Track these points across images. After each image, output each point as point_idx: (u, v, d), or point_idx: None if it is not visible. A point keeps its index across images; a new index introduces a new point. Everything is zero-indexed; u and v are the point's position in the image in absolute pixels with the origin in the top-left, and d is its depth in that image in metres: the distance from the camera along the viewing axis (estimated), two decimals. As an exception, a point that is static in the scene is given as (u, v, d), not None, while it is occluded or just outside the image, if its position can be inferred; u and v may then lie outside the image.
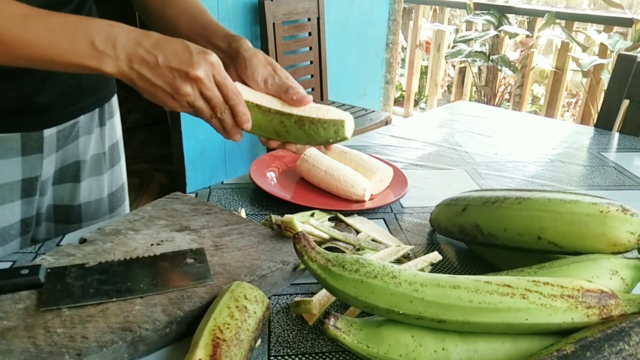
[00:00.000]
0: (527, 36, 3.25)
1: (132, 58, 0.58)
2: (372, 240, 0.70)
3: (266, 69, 0.68)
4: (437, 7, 4.03)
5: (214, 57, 0.60)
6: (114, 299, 0.52)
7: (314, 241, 0.53)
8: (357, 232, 0.72)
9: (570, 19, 3.15)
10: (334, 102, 2.67)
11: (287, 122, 0.65)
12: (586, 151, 1.14)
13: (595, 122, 1.38)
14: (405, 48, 4.24)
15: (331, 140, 0.66)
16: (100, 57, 0.57)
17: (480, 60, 3.30)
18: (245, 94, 0.65)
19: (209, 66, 0.60)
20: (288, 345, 0.52)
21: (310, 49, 2.60)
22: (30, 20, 0.55)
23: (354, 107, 2.60)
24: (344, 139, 0.66)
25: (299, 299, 0.56)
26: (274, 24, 2.35)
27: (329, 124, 0.64)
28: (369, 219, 0.77)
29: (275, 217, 0.69)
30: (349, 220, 0.75)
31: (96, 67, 0.57)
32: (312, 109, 0.65)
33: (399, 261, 0.66)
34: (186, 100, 0.60)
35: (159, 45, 0.58)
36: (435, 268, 0.67)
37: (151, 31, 0.60)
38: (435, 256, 0.65)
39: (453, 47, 3.40)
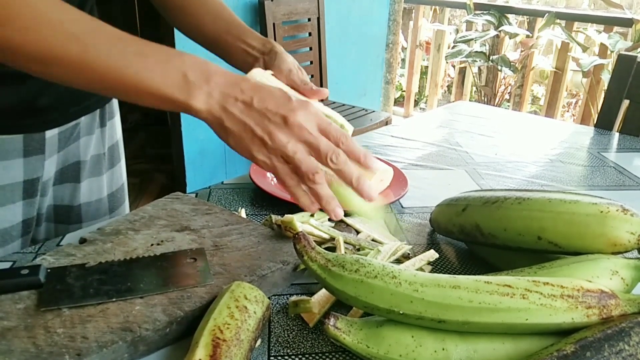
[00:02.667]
0: (527, 36, 3.25)
1: (226, 97, 0.52)
2: (372, 240, 0.70)
3: (292, 64, 0.71)
4: (437, 7, 4.03)
5: (314, 108, 0.54)
6: (114, 299, 0.52)
7: (314, 241, 0.53)
8: (357, 232, 0.72)
9: (570, 19, 3.16)
10: (334, 102, 2.67)
11: None
12: (586, 151, 1.14)
13: (595, 122, 1.38)
14: (406, 48, 4.24)
15: None
16: (190, 90, 0.52)
17: (480, 61, 3.31)
18: (267, 82, 0.63)
19: (310, 115, 0.53)
20: (288, 346, 0.52)
21: (311, 49, 2.60)
22: (120, 42, 0.52)
23: (354, 107, 2.60)
24: None
25: (296, 299, 0.56)
26: (274, 24, 2.35)
27: (335, 122, 0.65)
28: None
29: (275, 217, 0.69)
30: (349, 220, 0.75)
31: (184, 101, 0.52)
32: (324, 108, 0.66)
33: (398, 261, 0.66)
34: (282, 151, 0.52)
35: (256, 88, 0.53)
36: (435, 268, 0.67)
37: (247, 77, 0.57)
38: (431, 254, 0.65)
39: (453, 47, 3.40)
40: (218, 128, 0.54)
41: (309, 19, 2.56)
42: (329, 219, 0.76)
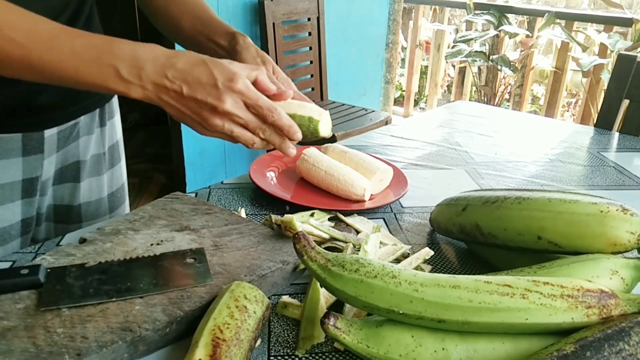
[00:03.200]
0: (527, 36, 3.25)
1: (159, 88, 0.57)
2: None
3: (253, 62, 0.70)
4: (437, 7, 4.03)
5: (240, 84, 0.58)
6: (113, 299, 0.52)
7: (314, 241, 0.53)
8: (357, 232, 0.72)
9: (570, 18, 3.16)
10: (334, 102, 2.67)
11: None
12: (586, 151, 1.14)
13: (595, 122, 1.38)
14: (405, 48, 4.24)
15: (308, 137, 0.66)
16: (126, 84, 0.57)
17: (480, 60, 3.30)
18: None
19: (236, 95, 0.58)
20: (288, 345, 0.52)
21: (310, 48, 2.60)
22: (57, 42, 0.55)
23: (354, 106, 2.60)
24: (319, 136, 0.67)
25: (287, 301, 0.57)
26: (273, 23, 2.35)
27: (303, 119, 0.65)
28: (369, 218, 0.77)
29: (275, 217, 0.69)
30: (348, 220, 0.75)
31: (123, 91, 0.57)
32: (290, 105, 0.65)
33: (397, 260, 0.66)
34: (217, 131, 0.60)
35: (184, 74, 0.57)
36: (435, 268, 0.67)
37: (178, 52, 0.59)
38: (426, 252, 0.65)
39: (453, 47, 3.40)
40: (161, 108, 0.60)
41: (309, 19, 2.56)
42: (329, 219, 0.76)
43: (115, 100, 0.90)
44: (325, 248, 0.63)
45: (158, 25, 0.83)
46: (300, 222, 0.67)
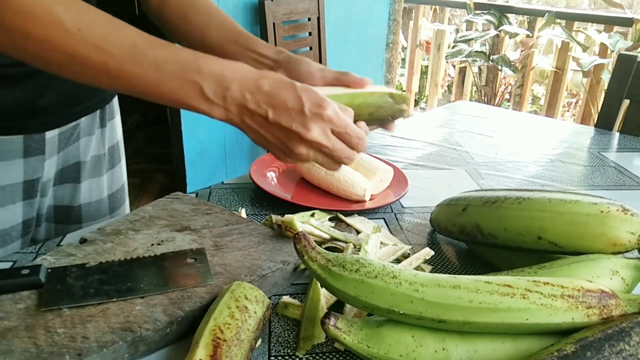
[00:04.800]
0: (528, 36, 3.25)
1: (243, 111, 0.55)
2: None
3: (317, 65, 0.71)
4: (437, 7, 4.03)
5: (329, 111, 0.55)
6: (114, 299, 0.52)
7: (314, 241, 0.53)
8: (358, 232, 0.72)
9: (570, 18, 3.16)
10: (334, 102, 2.67)
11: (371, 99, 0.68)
12: (586, 151, 1.14)
13: (595, 122, 1.38)
14: (406, 48, 4.24)
15: (389, 115, 0.69)
16: (209, 104, 0.54)
17: (480, 60, 3.31)
18: (325, 91, 0.61)
19: (325, 124, 0.56)
20: (288, 345, 0.52)
21: (311, 49, 2.60)
22: (138, 51, 0.52)
23: (354, 107, 2.60)
24: (405, 110, 0.68)
25: (288, 301, 0.57)
26: (274, 23, 2.35)
27: (384, 97, 0.67)
28: (369, 219, 0.77)
29: (275, 217, 0.69)
30: (349, 220, 0.75)
31: (205, 111, 0.55)
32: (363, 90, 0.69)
33: (398, 261, 0.66)
34: (302, 159, 0.58)
35: (270, 97, 0.54)
36: (435, 268, 0.67)
37: (267, 73, 0.56)
38: (427, 252, 0.65)
39: (453, 47, 3.40)
40: (239, 129, 0.57)
41: (309, 19, 2.56)
42: (329, 219, 0.76)
43: (115, 101, 0.90)
44: (326, 248, 0.63)
45: (174, 35, 0.80)
46: (301, 222, 0.67)
